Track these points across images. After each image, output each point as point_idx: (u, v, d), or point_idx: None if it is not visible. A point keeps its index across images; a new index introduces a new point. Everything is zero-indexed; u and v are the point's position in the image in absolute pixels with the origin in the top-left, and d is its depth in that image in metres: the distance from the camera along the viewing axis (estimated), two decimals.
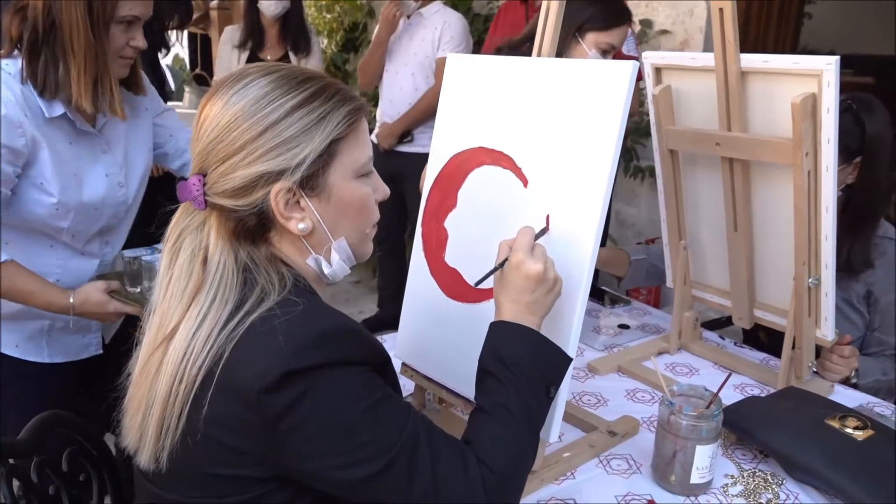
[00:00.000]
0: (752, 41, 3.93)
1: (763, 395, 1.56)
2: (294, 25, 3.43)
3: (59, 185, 1.40)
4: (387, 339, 1.78)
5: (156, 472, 0.89)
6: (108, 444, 1.23)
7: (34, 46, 1.33)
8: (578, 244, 1.12)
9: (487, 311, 1.13)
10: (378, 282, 3.88)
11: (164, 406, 0.86)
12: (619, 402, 1.54)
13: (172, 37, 3.47)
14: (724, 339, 1.85)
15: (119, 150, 1.53)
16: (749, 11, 3.81)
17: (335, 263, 0.98)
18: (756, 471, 1.29)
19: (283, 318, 0.85)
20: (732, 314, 1.72)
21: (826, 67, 1.30)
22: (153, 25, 2.59)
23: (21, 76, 1.35)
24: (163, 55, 3.15)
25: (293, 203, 0.92)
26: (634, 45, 2.79)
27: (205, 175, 0.92)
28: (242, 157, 0.89)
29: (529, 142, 1.21)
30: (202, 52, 5.65)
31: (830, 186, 1.38)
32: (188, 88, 5.87)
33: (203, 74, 5.57)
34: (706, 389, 1.26)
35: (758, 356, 1.77)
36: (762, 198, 1.54)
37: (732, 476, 1.28)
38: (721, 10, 1.39)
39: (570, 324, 1.12)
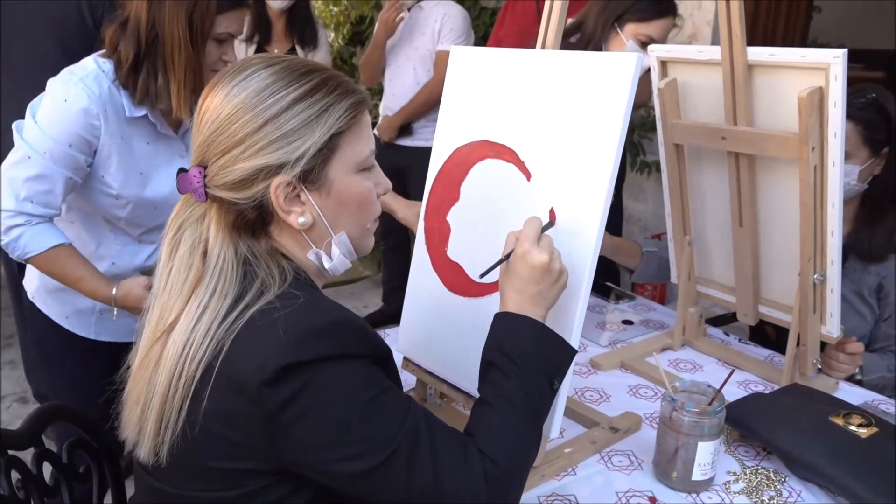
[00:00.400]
0: (761, 35, 3.90)
1: (767, 392, 1.55)
2: (301, 18, 3.41)
3: (121, 180, 1.49)
4: (389, 334, 1.78)
5: (155, 466, 0.88)
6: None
7: (136, 59, 1.41)
8: (581, 237, 1.11)
9: (489, 306, 1.12)
10: (383, 276, 3.87)
11: (164, 400, 0.86)
12: (622, 399, 1.53)
13: None
14: (729, 336, 1.84)
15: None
16: (758, 6, 3.77)
17: (336, 257, 0.97)
18: (759, 468, 1.29)
19: (284, 312, 0.85)
20: (737, 310, 1.71)
21: (833, 61, 1.29)
22: None
23: (115, 78, 1.44)
24: None
25: (293, 197, 0.92)
26: None
27: (205, 167, 0.92)
28: (242, 150, 0.89)
29: (533, 135, 1.20)
30: None
31: (837, 181, 1.37)
32: None
33: None
34: (709, 386, 1.25)
35: (762, 353, 1.76)
36: (768, 193, 1.53)
37: (735, 473, 1.27)
38: (728, 3, 1.38)
39: (573, 316, 1.12)
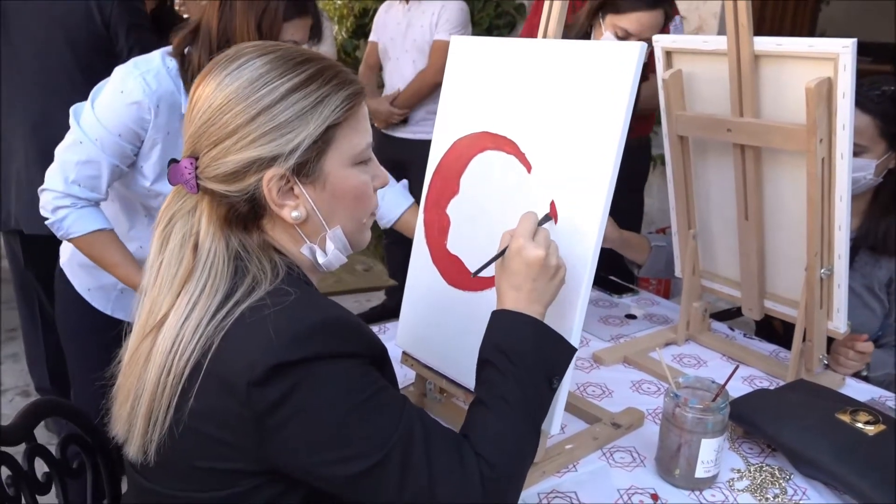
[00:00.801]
0: (768, 28, 3.86)
1: (772, 388, 1.52)
2: None
3: (157, 173, 1.54)
4: (389, 328, 1.76)
5: (144, 465, 0.87)
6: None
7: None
8: (582, 231, 1.09)
9: (490, 300, 1.10)
10: (387, 270, 3.86)
11: (153, 398, 0.84)
12: (625, 394, 1.51)
13: None
14: (734, 331, 1.82)
15: None
16: None
17: (330, 252, 0.95)
18: (763, 465, 1.26)
19: (274, 309, 0.82)
20: (742, 305, 1.68)
21: (842, 51, 1.26)
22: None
23: (181, 77, 1.48)
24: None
25: (286, 190, 0.89)
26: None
27: (197, 158, 0.90)
28: (234, 142, 0.86)
29: (533, 126, 1.18)
30: None
31: (845, 174, 1.34)
32: None
33: None
34: (713, 382, 1.23)
35: (768, 348, 1.73)
36: (774, 186, 1.50)
37: (739, 470, 1.25)
38: None
39: (573, 313, 1.09)
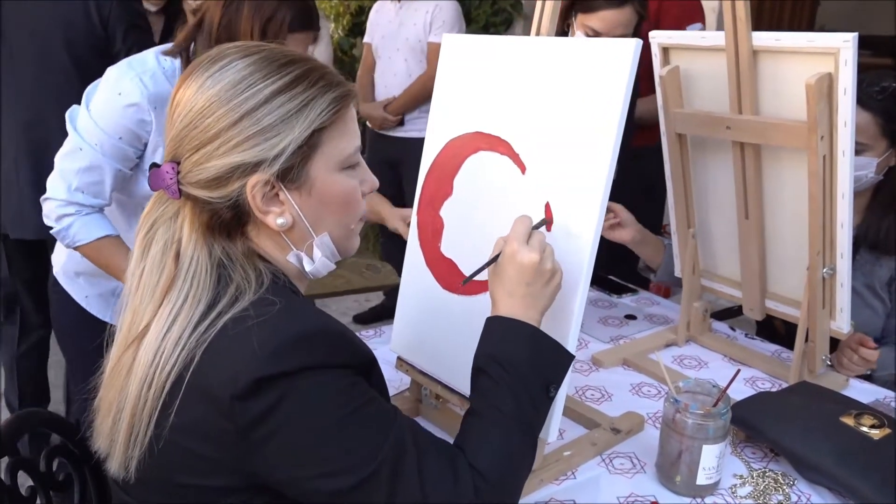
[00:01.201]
0: (767, 23, 3.83)
1: (774, 390, 1.50)
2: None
3: None
4: (385, 331, 1.73)
5: (125, 480, 0.84)
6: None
7: None
8: (578, 233, 1.06)
9: (485, 304, 1.07)
10: (382, 258, 3.83)
11: (134, 412, 0.81)
12: (624, 397, 1.48)
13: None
14: (735, 331, 1.79)
15: None
16: None
17: (318, 260, 0.92)
18: (766, 470, 1.24)
19: (258, 320, 0.80)
20: (743, 305, 1.66)
21: (843, 45, 1.23)
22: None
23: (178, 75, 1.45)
24: None
25: (271, 196, 0.87)
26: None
27: (178, 163, 0.87)
28: (216, 147, 0.84)
29: (527, 126, 1.15)
30: None
31: (847, 172, 1.31)
32: None
33: None
34: (714, 385, 1.20)
35: (769, 348, 1.70)
36: (775, 184, 1.47)
37: (741, 476, 1.22)
38: None
39: (569, 318, 1.07)
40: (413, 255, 1.34)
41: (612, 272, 2.16)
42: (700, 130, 1.53)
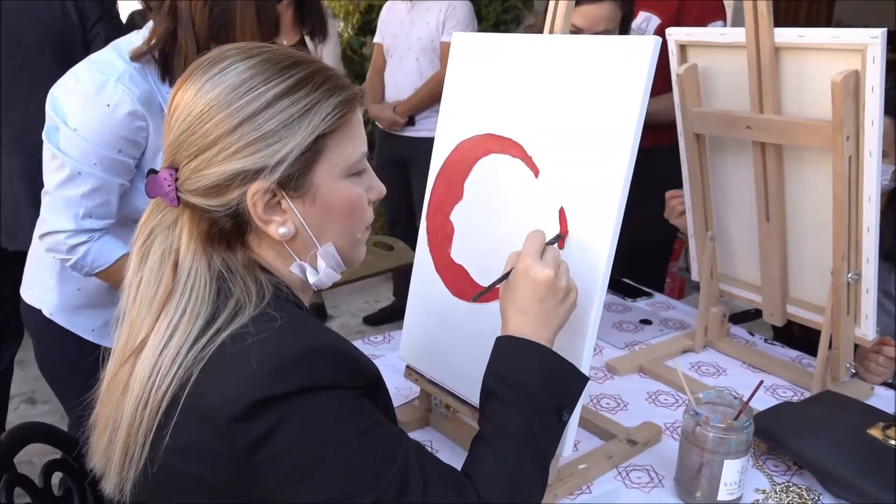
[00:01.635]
0: (783, 20, 3.76)
1: (796, 399, 1.45)
2: (310, 9, 3.34)
3: None
4: (394, 336, 1.70)
5: (120, 502, 0.81)
6: None
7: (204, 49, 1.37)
8: (593, 240, 1.02)
9: (497, 313, 1.03)
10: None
11: (129, 431, 0.78)
12: (640, 406, 1.44)
13: None
14: (754, 336, 1.74)
15: None
16: None
17: (322, 271, 0.88)
18: (790, 485, 1.19)
19: (258, 337, 0.76)
20: (763, 310, 1.61)
21: (871, 41, 1.18)
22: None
23: (158, 75, 1.39)
24: None
25: (273, 205, 0.83)
26: None
27: (177, 169, 0.83)
28: (216, 153, 0.80)
29: (541, 128, 1.11)
30: None
31: (874, 173, 1.26)
32: None
33: None
34: (735, 397, 1.15)
35: (790, 354, 1.65)
36: (797, 185, 1.42)
37: (764, 491, 1.17)
38: None
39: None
40: (422, 261, 1.29)
41: (631, 273, 2.11)
42: (719, 130, 1.48)
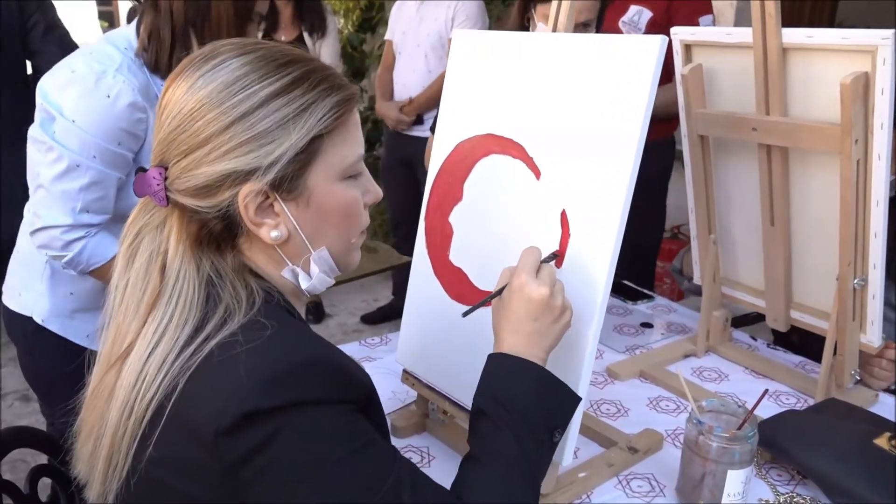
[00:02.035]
0: (786, 20, 3.73)
1: (800, 406, 1.42)
2: (308, 5, 3.31)
3: None
4: (391, 339, 1.67)
5: None
6: None
7: (172, 39, 1.36)
8: (596, 246, 0.99)
9: None
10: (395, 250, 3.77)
11: (113, 440, 0.75)
12: (641, 412, 1.41)
13: None
14: (757, 341, 1.71)
15: None
16: None
17: (315, 276, 0.85)
18: (794, 495, 1.16)
19: (247, 347, 0.73)
20: (766, 315, 1.58)
21: (881, 42, 1.15)
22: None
23: (150, 67, 1.37)
24: None
25: (266, 207, 0.80)
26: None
27: (166, 168, 0.80)
28: (207, 153, 0.77)
29: (543, 128, 1.08)
30: None
31: (882, 177, 1.23)
32: None
33: None
34: (739, 406, 1.13)
35: (793, 360, 1.63)
36: (802, 189, 1.40)
37: (767, 501, 1.15)
38: None
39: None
40: (420, 263, 1.27)
41: (630, 274, 2.09)
42: (724, 132, 1.45)
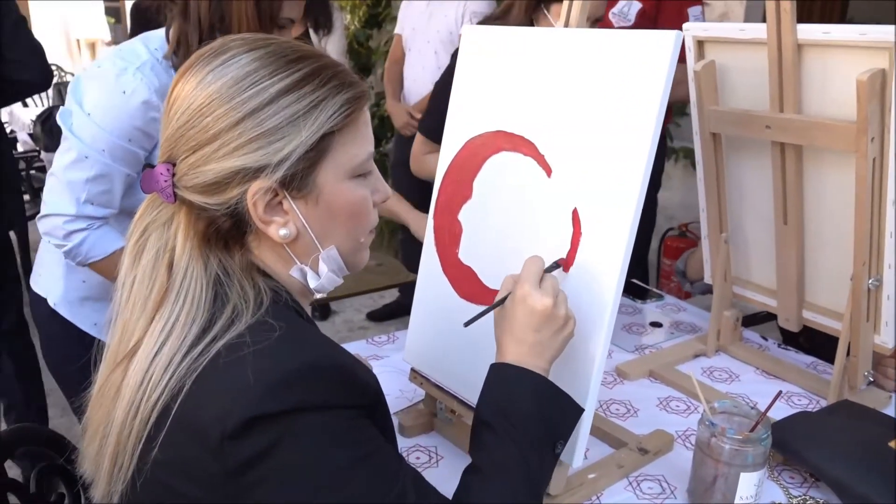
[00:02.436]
0: (797, 15, 3.70)
1: (812, 407, 1.40)
2: (315, 2, 3.29)
3: None
4: (398, 337, 1.66)
5: None
6: None
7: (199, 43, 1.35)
8: (608, 246, 0.98)
9: None
10: (403, 265, 3.76)
11: (119, 440, 0.74)
12: (651, 413, 1.40)
13: None
14: (767, 340, 1.70)
15: None
16: None
17: (323, 275, 0.84)
18: (807, 498, 1.15)
19: (254, 348, 0.72)
20: (778, 315, 1.56)
21: None
22: None
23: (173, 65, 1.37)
24: None
25: (274, 205, 0.79)
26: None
27: (174, 164, 0.79)
28: (216, 149, 0.76)
29: (554, 125, 1.06)
30: None
31: None
32: None
33: None
34: (752, 408, 1.11)
35: (805, 360, 1.61)
36: (817, 188, 1.38)
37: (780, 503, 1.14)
38: None
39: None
40: (429, 261, 1.26)
41: (634, 275, 2.07)
42: (737, 130, 1.43)
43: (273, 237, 0.80)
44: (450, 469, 1.20)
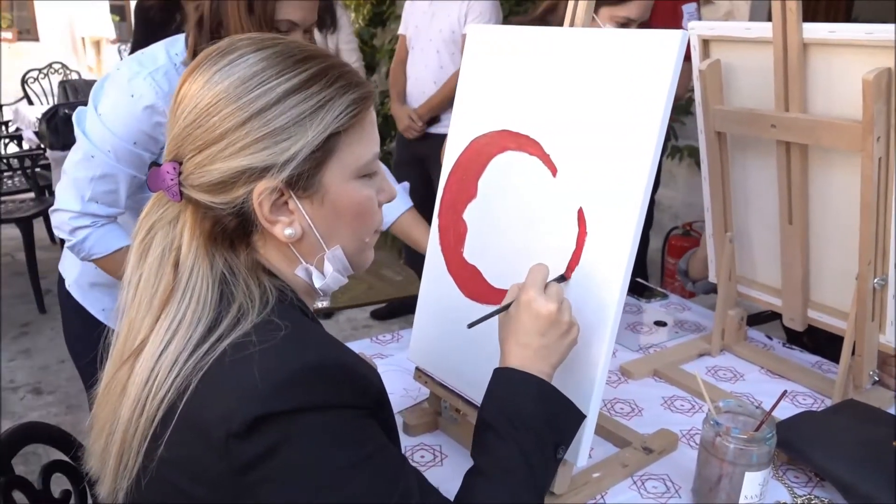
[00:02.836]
0: (803, 12, 3.69)
1: (816, 407, 1.40)
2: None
3: None
4: (403, 336, 1.66)
5: None
6: None
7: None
8: (613, 245, 0.98)
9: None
10: (405, 263, 3.76)
11: (124, 438, 0.75)
12: (656, 412, 1.40)
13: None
14: (772, 340, 1.69)
15: None
16: None
17: (329, 275, 0.84)
18: (811, 497, 1.15)
19: (260, 347, 0.72)
20: (783, 314, 1.56)
21: None
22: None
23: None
24: None
25: (280, 205, 0.79)
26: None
27: (180, 163, 0.79)
28: (222, 148, 0.76)
29: (560, 124, 1.06)
30: None
31: None
32: None
33: None
34: (757, 407, 1.11)
35: (810, 359, 1.61)
36: (822, 187, 1.37)
37: (784, 503, 1.13)
38: None
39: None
40: (434, 261, 1.26)
41: (638, 274, 2.08)
42: (742, 129, 1.43)
43: (278, 237, 0.80)
44: (454, 468, 1.20)
